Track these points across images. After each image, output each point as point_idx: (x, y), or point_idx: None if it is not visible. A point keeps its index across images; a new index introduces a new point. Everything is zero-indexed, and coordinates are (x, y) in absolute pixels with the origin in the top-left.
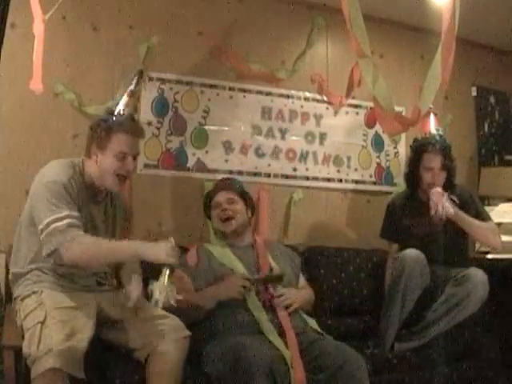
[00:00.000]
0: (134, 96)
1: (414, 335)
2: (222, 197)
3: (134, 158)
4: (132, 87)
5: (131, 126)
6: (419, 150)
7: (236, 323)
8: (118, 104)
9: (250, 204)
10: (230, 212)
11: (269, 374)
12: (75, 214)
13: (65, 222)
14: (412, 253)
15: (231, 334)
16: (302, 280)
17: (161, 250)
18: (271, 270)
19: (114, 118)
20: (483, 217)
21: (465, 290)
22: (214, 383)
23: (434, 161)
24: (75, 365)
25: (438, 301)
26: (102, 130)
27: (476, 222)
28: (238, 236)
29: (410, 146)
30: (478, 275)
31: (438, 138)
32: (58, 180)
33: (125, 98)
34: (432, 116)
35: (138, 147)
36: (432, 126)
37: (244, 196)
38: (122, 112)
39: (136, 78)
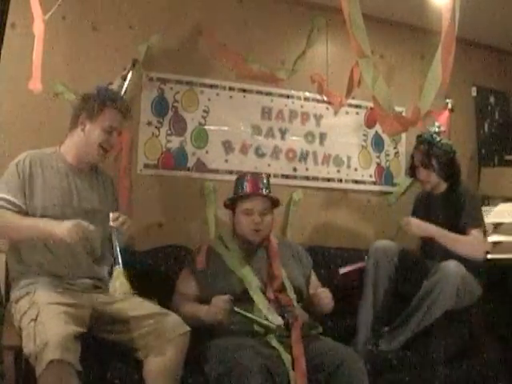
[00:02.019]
0: (126, 80)
1: (393, 333)
2: (256, 206)
3: (118, 135)
4: (125, 72)
5: (122, 104)
6: (414, 147)
7: (235, 324)
8: (110, 84)
9: (276, 207)
10: (261, 226)
11: (266, 374)
12: (7, 197)
13: None
14: (380, 243)
15: (230, 334)
16: (315, 280)
17: (64, 228)
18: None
19: (106, 93)
20: (470, 222)
21: (433, 281)
22: (212, 383)
23: (417, 159)
24: (73, 354)
25: (415, 296)
26: (96, 102)
27: (454, 236)
28: (259, 242)
29: None
30: (448, 266)
31: (427, 136)
32: (13, 162)
33: (119, 80)
34: (446, 112)
35: (123, 125)
36: (438, 122)
37: (274, 204)
38: (113, 89)
39: (130, 64)
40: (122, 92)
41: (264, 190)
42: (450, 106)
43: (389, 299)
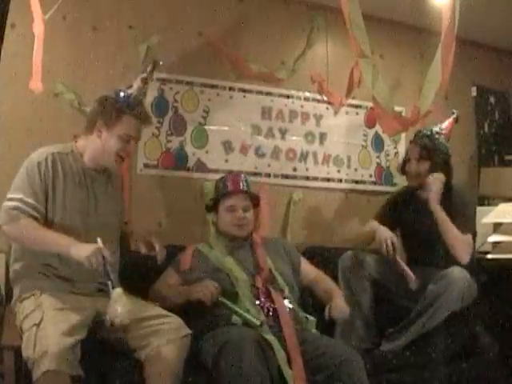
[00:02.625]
0: (146, 83)
1: (396, 334)
2: (239, 202)
3: (136, 141)
4: (145, 75)
5: (141, 111)
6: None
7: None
8: (130, 87)
9: (257, 206)
10: (245, 221)
11: (259, 350)
12: (29, 200)
13: (14, 203)
14: (347, 253)
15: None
16: (308, 266)
17: (83, 252)
18: (270, 271)
19: (125, 99)
20: (463, 229)
21: (442, 286)
22: (210, 371)
23: (411, 151)
24: (71, 364)
25: (419, 299)
26: (113, 109)
27: (451, 225)
28: (243, 239)
29: None
30: (455, 272)
31: (426, 131)
32: (34, 159)
33: (138, 83)
34: (451, 119)
35: (141, 132)
36: (443, 125)
37: (255, 201)
38: (132, 95)
39: (151, 66)
40: (142, 96)
41: (244, 187)
42: (455, 115)
43: (370, 303)
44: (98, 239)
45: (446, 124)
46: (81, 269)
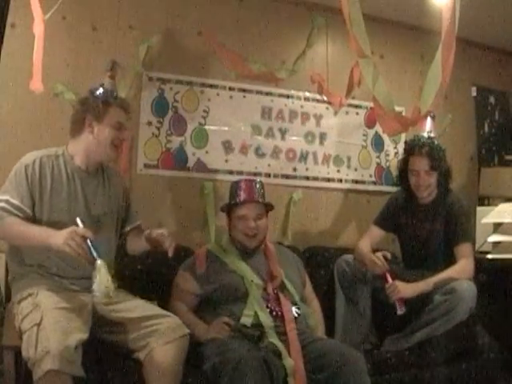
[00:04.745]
0: (114, 79)
1: (399, 339)
2: (251, 211)
3: (124, 130)
4: (109, 73)
5: (123, 102)
6: (406, 152)
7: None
8: (102, 85)
9: (270, 211)
10: (255, 230)
11: (263, 365)
12: (14, 202)
13: (0, 204)
14: (343, 257)
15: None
16: (309, 288)
17: (60, 239)
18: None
19: (108, 93)
20: (462, 238)
21: (452, 301)
22: (210, 379)
23: (418, 163)
24: (73, 364)
25: (425, 308)
26: (100, 102)
27: (445, 275)
28: (255, 247)
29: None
30: (465, 287)
31: (425, 140)
32: (22, 162)
33: (107, 80)
34: (429, 119)
35: (126, 121)
36: (427, 128)
37: (268, 208)
38: (110, 89)
39: (110, 65)
40: (115, 90)
41: (258, 195)
42: (432, 113)
43: (369, 305)
44: (78, 220)
45: (429, 125)
46: (72, 265)
